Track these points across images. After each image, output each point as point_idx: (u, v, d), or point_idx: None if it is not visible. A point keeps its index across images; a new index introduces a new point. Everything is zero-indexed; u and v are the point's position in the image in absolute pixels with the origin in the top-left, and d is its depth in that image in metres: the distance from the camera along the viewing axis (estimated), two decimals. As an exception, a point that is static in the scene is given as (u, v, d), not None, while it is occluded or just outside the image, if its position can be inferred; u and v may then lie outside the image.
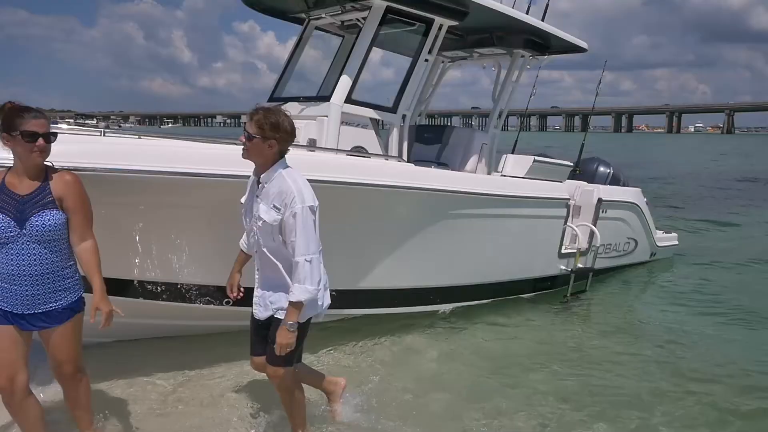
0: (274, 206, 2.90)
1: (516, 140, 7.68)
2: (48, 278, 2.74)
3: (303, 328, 3.06)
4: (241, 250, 3.36)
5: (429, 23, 5.53)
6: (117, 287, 4.01)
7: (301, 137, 5.26)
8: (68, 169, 2.90)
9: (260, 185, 2.99)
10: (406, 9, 5.35)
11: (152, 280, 4.13)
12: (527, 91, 8.08)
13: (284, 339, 2.92)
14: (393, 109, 5.51)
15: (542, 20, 6.55)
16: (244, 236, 3.30)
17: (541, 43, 6.55)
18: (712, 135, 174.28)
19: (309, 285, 2.86)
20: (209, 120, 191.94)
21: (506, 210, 5.65)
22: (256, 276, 3.14)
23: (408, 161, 5.38)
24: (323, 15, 5.82)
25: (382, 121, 5.54)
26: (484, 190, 5.42)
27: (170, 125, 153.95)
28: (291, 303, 2.88)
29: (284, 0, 5.91)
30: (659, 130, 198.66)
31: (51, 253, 2.74)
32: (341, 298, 4.93)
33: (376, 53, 6.28)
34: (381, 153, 5.41)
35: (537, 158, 6.14)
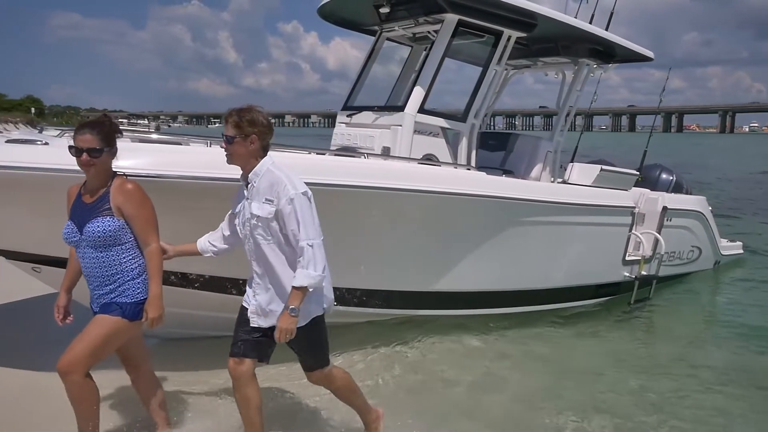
0: (266, 200, 2.88)
1: (577, 144, 7.73)
2: (107, 280, 2.89)
3: (320, 327, 3.06)
4: (196, 245, 3.30)
5: (498, 35, 5.70)
6: (219, 286, 4.34)
7: (376, 145, 5.52)
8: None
9: (249, 185, 2.97)
10: (477, 22, 5.54)
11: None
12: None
13: (286, 324, 2.85)
14: (463, 118, 5.70)
15: (606, 29, 6.63)
16: (206, 235, 3.30)
17: (605, 52, 6.63)
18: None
19: (312, 270, 2.81)
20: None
21: (573, 218, 5.76)
22: (253, 283, 3.07)
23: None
24: (396, 27, 6.05)
25: (451, 129, 5.73)
26: (555, 199, 5.54)
27: (217, 125, 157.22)
28: (294, 288, 2.83)
29: (359, 14, 6.16)
30: (711, 130, 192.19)
31: (106, 257, 2.87)
32: (415, 299, 5.18)
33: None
34: (451, 161, 5.62)
35: (604, 167, 6.22)
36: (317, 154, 4.57)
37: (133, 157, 3.58)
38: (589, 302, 6.51)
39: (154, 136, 4.12)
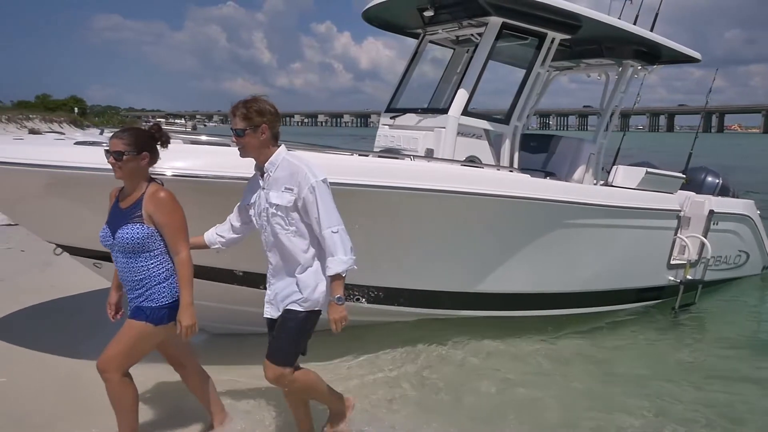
0: (285, 188, 2.88)
1: (619, 146, 7.64)
2: (136, 285, 2.95)
3: (308, 324, 3.00)
4: (203, 238, 3.32)
5: (542, 37, 5.69)
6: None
7: (419, 147, 5.58)
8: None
9: (265, 175, 2.97)
10: (521, 24, 5.54)
11: None
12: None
13: (336, 314, 2.90)
14: (506, 121, 5.72)
15: (651, 30, 6.55)
16: (213, 228, 3.31)
17: (650, 54, 6.55)
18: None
19: (342, 255, 2.84)
20: (287, 119, 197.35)
21: (617, 221, 5.71)
22: (269, 274, 3.09)
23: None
24: (439, 30, 6.09)
25: (494, 131, 5.75)
26: (600, 202, 5.51)
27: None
28: (331, 278, 2.88)
29: (403, 17, 6.23)
30: (754, 130, 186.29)
31: (135, 263, 2.92)
32: (459, 299, 5.22)
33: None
34: (493, 163, 5.64)
35: (649, 170, 6.15)
36: (360, 155, 4.66)
37: (187, 158, 3.73)
38: (632, 306, 6.45)
39: (203, 138, 4.26)
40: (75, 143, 3.72)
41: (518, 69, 6.65)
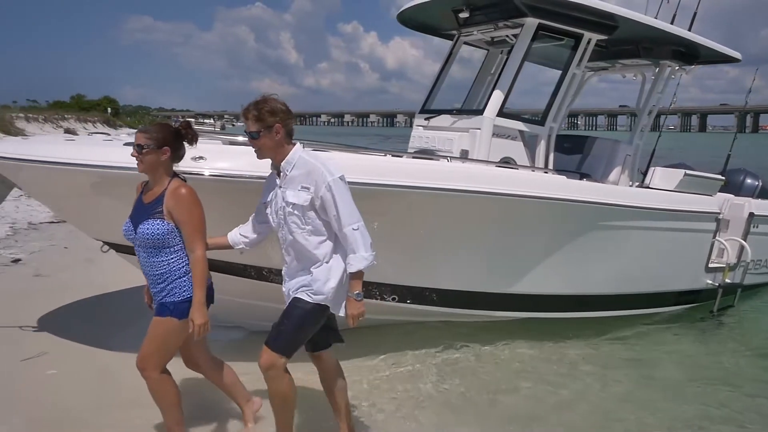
0: (302, 187, 2.85)
1: (654, 147, 7.55)
2: (157, 280, 2.97)
3: (320, 318, 2.97)
4: (227, 238, 3.28)
5: (578, 38, 5.66)
6: None
7: (454, 149, 5.60)
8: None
9: (282, 174, 2.94)
10: (557, 25, 5.52)
11: None
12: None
13: (354, 309, 2.90)
14: (541, 122, 5.70)
15: (689, 29, 6.46)
16: (237, 228, 3.28)
17: (688, 54, 6.46)
18: None
19: (364, 252, 2.83)
20: (314, 119, 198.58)
21: (656, 223, 5.65)
22: (284, 272, 3.08)
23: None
24: (474, 32, 6.10)
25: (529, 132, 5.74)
26: (638, 204, 5.45)
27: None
28: (351, 275, 2.88)
29: (437, 19, 6.25)
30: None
31: (156, 258, 2.95)
32: (493, 300, 5.22)
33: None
34: (528, 164, 5.63)
35: (688, 172, 6.08)
36: (393, 156, 4.71)
37: (228, 159, 3.83)
38: (669, 309, 6.37)
39: (240, 139, 4.34)
40: (124, 144, 3.83)
41: (550, 69, 6.67)
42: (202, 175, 3.63)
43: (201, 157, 3.68)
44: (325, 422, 3.46)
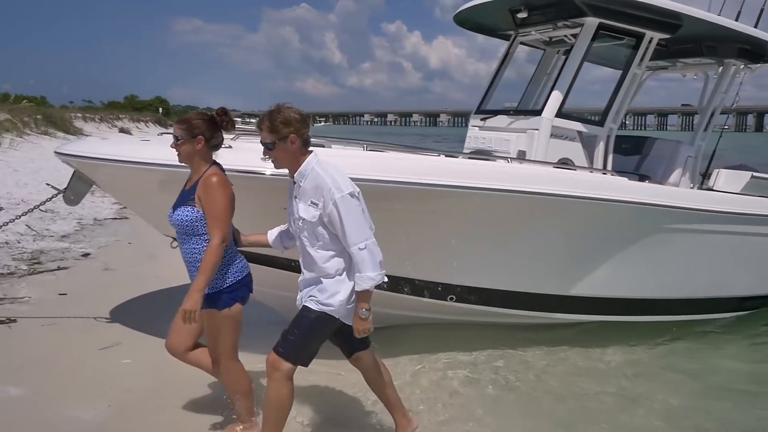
0: (312, 203, 2.81)
1: (715, 148, 7.33)
2: (192, 268, 3.02)
3: (329, 326, 2.94)
4: (267, 236, 3.29)
5: (639, 37, 5.57)
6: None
7: (511, 149, 5.59)
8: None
9: (296, 185, 2.91)
10: (618, 25, 5.45)
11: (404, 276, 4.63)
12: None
13: (359, 326, 2.88)
14: (600, 123, 5.64)
15: (755, 26, 6.27)
16: (278, 228, 3.27)
17: (755, 52, 6.27)
18: None
19: (370, 272, 2.78)
20: (357, 118, 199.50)
21: (720, 226, 5.50)
22: (300, 278, 3.05)
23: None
24: (532, 32, 6.08)
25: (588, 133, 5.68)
26: (705, 207, 5.32)
27: (322, 124, 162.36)
28: (358, 293, 2.83)
29: (494, 19, 6.25)
30: None
31: (187, 245, 3.01)
32: (550, 302, 5.20)
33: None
34: (586, 165, 5.57)
35: (755, 174, 5.90)
36: (447, 156, 4.74)
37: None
38: (732, 314, 6.19)
39: None
40: None
41: (597, 67, 6.57)
42: (264, 174, 3.72)
43: (268, 157, 3.80)
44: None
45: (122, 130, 33.48)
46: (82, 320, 4.99)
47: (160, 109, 54.89)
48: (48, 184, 5.18)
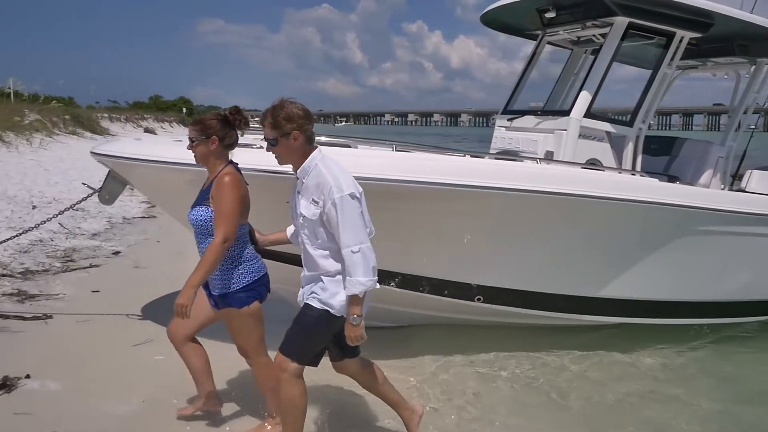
0: (312, 200, 2.77)
1: (746, 148, 7.20)
2: None
3: (333, 326, 2.88)
4: (286, 233, 3.26)
5: (670, 36, 5.51)
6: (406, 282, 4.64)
7: (539, 150, 5.57)
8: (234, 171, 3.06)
9: (299, 181, 2.87)
10: (648, 24, 5.40)
11: (428, 276, 4.64)
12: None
13: (351, 332, 2.81)
14: (629, 123, 5.59)
15: None
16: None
17: None
18: None
19: (361, 277, 2.69)
20: (378, 118, 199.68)
21: (753, 228, 5.39)
22: (302, 274, 3.00)
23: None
24: (560, 32, 6.05)
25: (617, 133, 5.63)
26: (740, 209, 5.24)
27: (343, 123, 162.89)
28: (348, 297, 2.76)
29: (522, 19, 6.23)
30: None
31: (202, 244, 3.02)
32: (577, 303, 5.17)
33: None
34: (615, 166, 5.53)
35: None
36: (472, 157, 4.74)
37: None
38: (763, 318, 6.07)
39: (323, 139, 4.48)
40: None
41: (627, 66, 6.50)
42: (293, 174, 3.75)
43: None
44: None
45: (147, 130, 33.99)
46: (115, 317, 5.09)
47: (184, 109, 55.55)
48: (84, 184, 5.29)
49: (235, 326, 3.16)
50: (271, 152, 2.86)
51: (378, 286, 2.79)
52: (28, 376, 3.85)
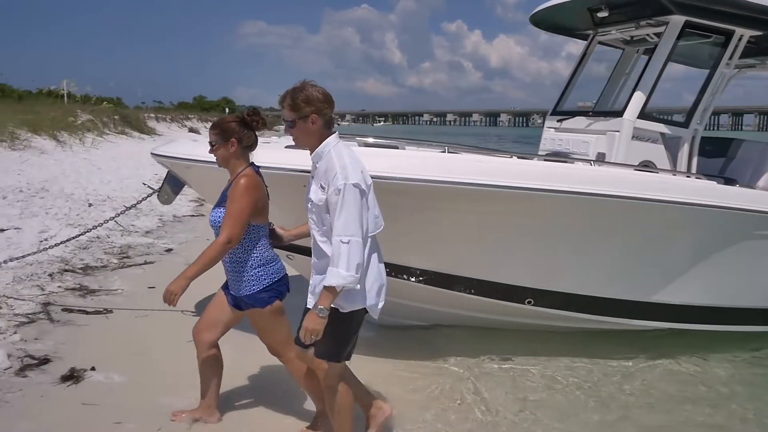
0: (320, 185, 2.73)
1: None
2: (230, 267, 3.11)
3: (351, 322, 2.85)
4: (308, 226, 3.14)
5: (728, 35, 5.36)
6: (441, 281, 4.65)
7: (590, 151, 5.50)
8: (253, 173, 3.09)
9: (313, 165, 2.84)
10: (706, 22, 5.26)
11: (470, 277, 4.64)
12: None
13: (311, 324, 2.70)
14: (685, 124, 5.47)
15: None
16: None
17: None
18: None
19: (343, 270, 2.60)
20: (416, 118, 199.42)
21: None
22: (312, 262, 2.95)
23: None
24: (612, 31, 5.95)
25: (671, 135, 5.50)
26: None
27: (381, 123, 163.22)
28: (324, 287, 2.67)
29: (572, 19, 6.15)
30: None
31: None
32: (631, 308, 5.08)
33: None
34: (669, 168, 5.41)
35: None
36: (519, 158, 4.71)
37: (369, 161, 3.99)
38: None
39: (371, 140, 4.51)
40: (285, 147, 4.11)
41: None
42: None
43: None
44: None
45: (191, 130, 34.76)
46: (170, 313, 5.20)
47: (227, 109, 56.62)
48: (144, 184, 5.48)
49: (261, 326, 3.21)
50: (288, 134, 2.87)
51: (358, 287, 2.72)
52: (93, 368, 4.02)
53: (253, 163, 3.18)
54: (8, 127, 14.30)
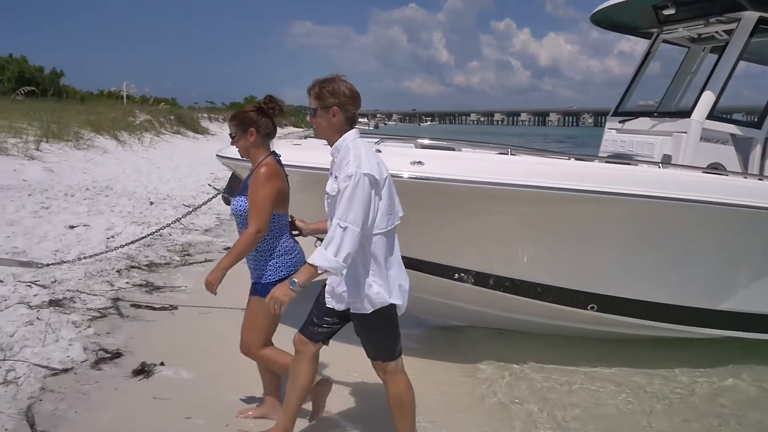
0: (335, 176, 2.74)
1: None
2: (252, 254, 3.12)
3: (380, 319, 2.83)
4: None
5: (806, 31, 5.12)
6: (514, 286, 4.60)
7: (655, 153, 5.35)
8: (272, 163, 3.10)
9: (331, 160, 2.84)
10: None
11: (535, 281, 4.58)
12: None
13: (279, 293, 2.73)
14: (758, 125, 5.26)
15: None
16: None
17: None
18: None
19: (331, 254, 2.57)
20: (463, 118, 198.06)
21: None
22: None
23: None
24: (679, 29, 5.77)
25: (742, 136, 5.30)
26: None
27: (428, 123, 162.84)
28: (307, 262, 2.70)
29: (635, 17, 6.01)
30: None
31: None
32: (696, 315, 4.91)
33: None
34: (739, 170, 5.21)
35: None
36: (577, 159, 4.60)
37: (441, 164, 3.99)
38: None
39: (426, 141, 4.49)
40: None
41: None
42: (401, 177, 3.75)
43: (419, 162, 3.89)
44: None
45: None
46: (232, 311, 5.35)
47: (276, 110, 57.52)
48: (209, 185, 5.64)
49: (254, 316, 3.24)
50: (310, 122, 2.88)
51: (342, 275, 2.71)
52: (162, 363, 4.16)
53: (274, 152, 3.22)
54: (73, 128, 14.94)
